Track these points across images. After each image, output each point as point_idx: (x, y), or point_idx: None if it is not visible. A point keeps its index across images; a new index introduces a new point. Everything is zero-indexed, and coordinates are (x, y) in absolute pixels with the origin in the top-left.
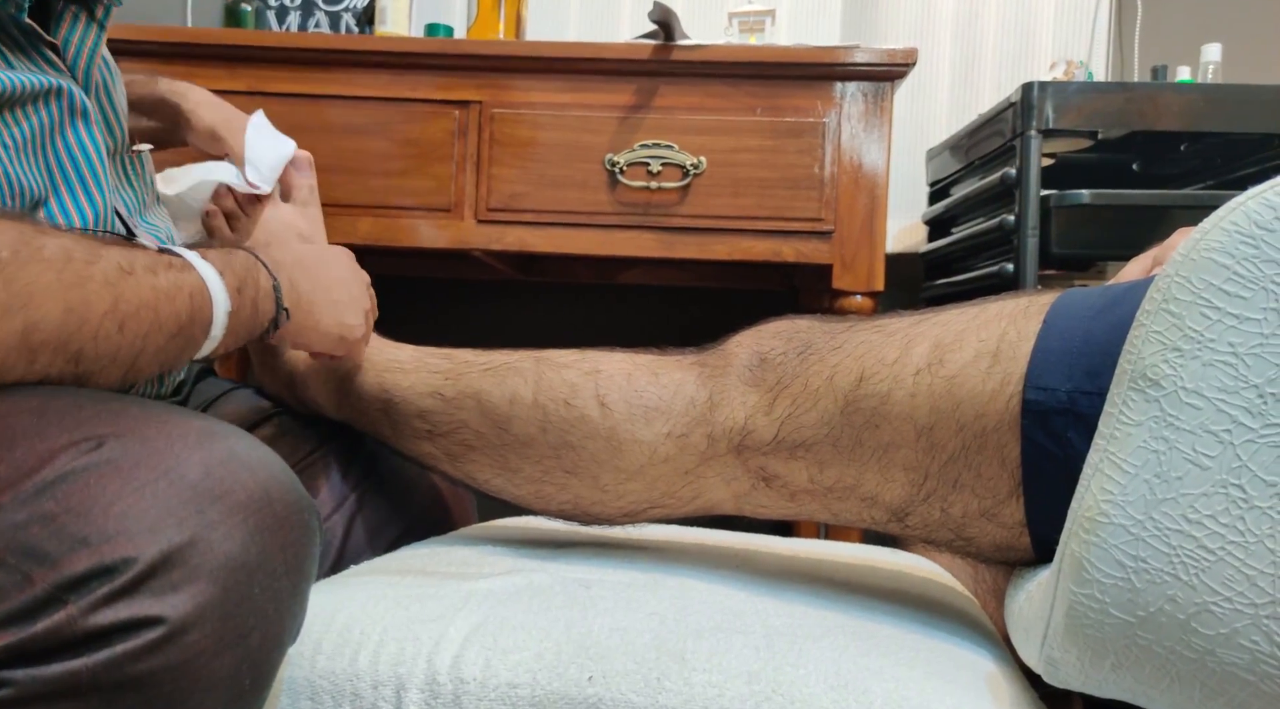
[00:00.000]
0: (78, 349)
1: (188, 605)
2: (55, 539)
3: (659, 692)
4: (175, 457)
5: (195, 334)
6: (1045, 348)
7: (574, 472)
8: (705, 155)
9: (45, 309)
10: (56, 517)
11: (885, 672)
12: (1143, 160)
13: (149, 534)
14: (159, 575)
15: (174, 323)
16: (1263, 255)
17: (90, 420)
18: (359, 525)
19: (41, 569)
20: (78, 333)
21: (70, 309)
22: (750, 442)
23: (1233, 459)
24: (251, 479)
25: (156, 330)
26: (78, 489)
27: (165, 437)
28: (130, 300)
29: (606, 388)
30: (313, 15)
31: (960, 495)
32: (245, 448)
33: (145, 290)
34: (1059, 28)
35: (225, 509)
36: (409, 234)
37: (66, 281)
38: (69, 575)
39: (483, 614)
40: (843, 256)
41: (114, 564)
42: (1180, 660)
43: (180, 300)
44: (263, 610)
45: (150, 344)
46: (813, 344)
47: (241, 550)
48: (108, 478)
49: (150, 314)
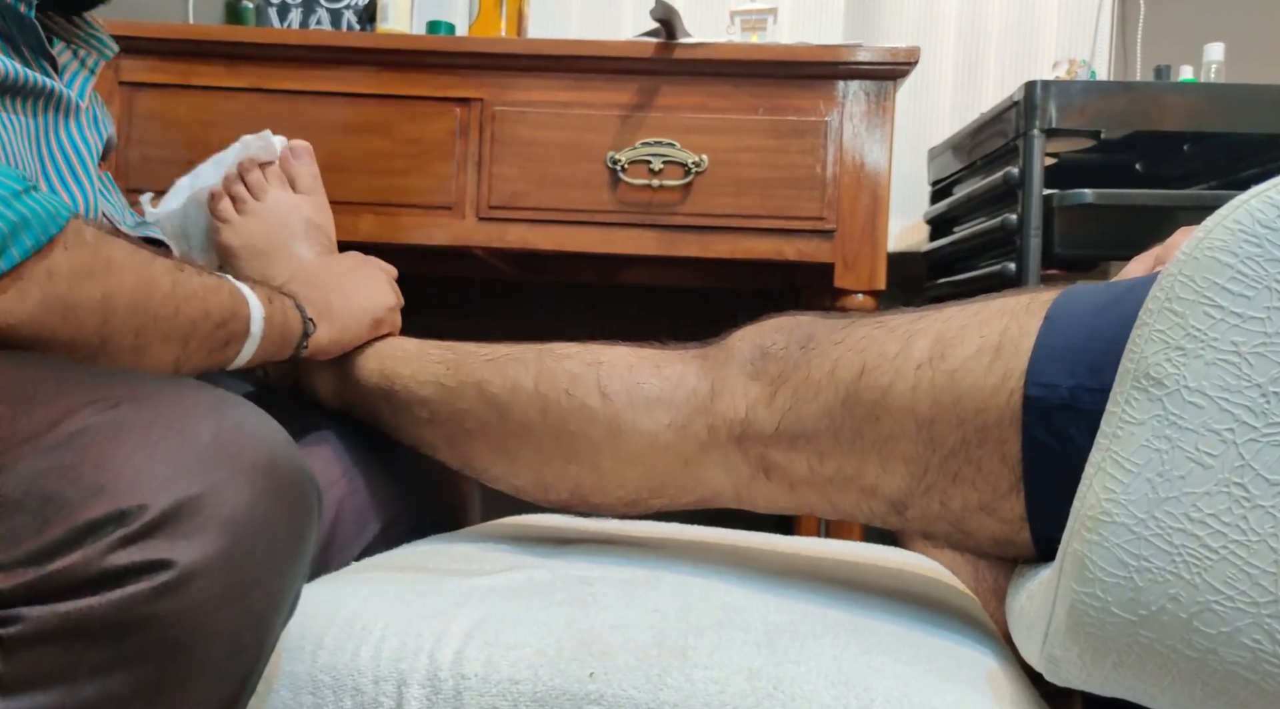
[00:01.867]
0: (140, 323)
1: (196, 553)
2: (73, 487)
3: (660, 688)
4: (188, 420)
5: (237, 328)
6: (1047, 344)
7: (573, 458)
8: (707, 154)
9: (122, 278)
10: (74, 467)
11: (886, 669)
12: (1146, 160)
13: (162, 485)
14: (170, 523)
15: (219, 313)
16: (1266, 254)
17: (108, 384)
18: (353, 508)
19: (59, 514)
20: (144, 306)
21: (139, 282)
22: (751, 432)
23: (1235, 458)
24: (259, 447)
25: (204, 318)
26: (95, 443)
27: (179, 402)
28: (184, 288)
29: (608, 378)
30: (314, 12)
31: (960, 489)
32: (254, 419)
33: (195, 283)
34: (1062, 27)
35: (233, 470)
36: (410, 232)
37: (137, 262)
38: (85, 520)
39: (484, 610)
40: (844, 256)
41: (128, 510)
42: (1182, 659)
43: (223, 295)
44: (265, 569)
45: (199, 330)
46: (814, 338)
47: (248, 509)
48: (124, 434)
49: (200, 303)
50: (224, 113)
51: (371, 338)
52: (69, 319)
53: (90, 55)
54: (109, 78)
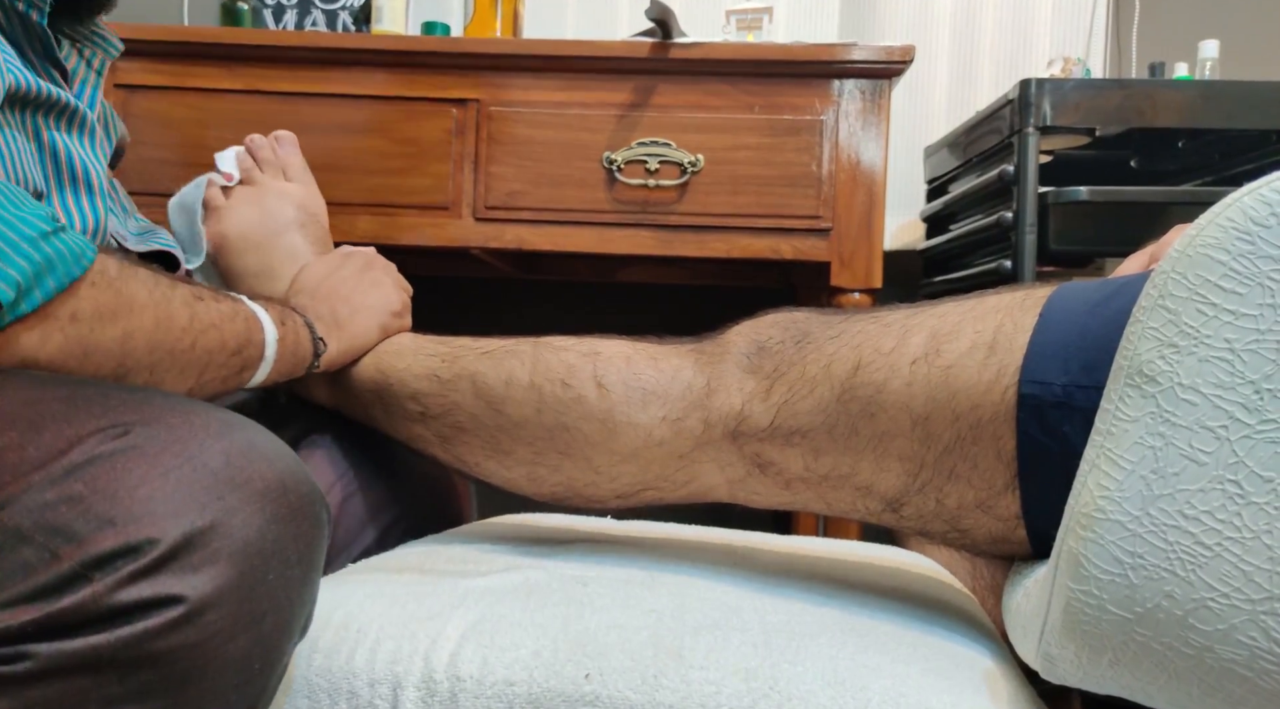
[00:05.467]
0: (156, 360)
1: (207, 586)
2: (82, 519)
3: (656, 689)
4: (198, 444)
5: (251, 354)
6: (1042, 341)
7: (567, 453)
8: (703, 153)
9: (142, 319)
10: (84, 498)
11: (883, 668)
12: (1141, 157)
13: (172, 517)
14: (181, 557)
15: (234, 341)
16: (1259, 251)
17: (117, 408)
18: (349, 512)
19: (69, 546)
20: (161, 344)
21: (159, 321)
22: (746, 428)
23: (1229, 455)
24: (269, 469)
25: (220, 348)
26: (104, 472)
27: (188, 426)
28: (202, 319)
29: (605, 370)
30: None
31: (955, 486)
32: (263, 440)
33: (212, 313)
34: (1057, 25)
35: (244, 496)
36: (407, 232)
37: (156, 299)
38: (95, 554)
39: (479, 612)
40: (841, 254)
41: (138, 544)
42: (1178, 656)
43: (239, 323)
44: (276, 596)
45: (215, 360)
46: (810, 333)
47: (259, 536)
48: (133, 462)
49: (216, 334)
50: (220, 114)
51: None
52: (88, 361)
53: (96, 55)
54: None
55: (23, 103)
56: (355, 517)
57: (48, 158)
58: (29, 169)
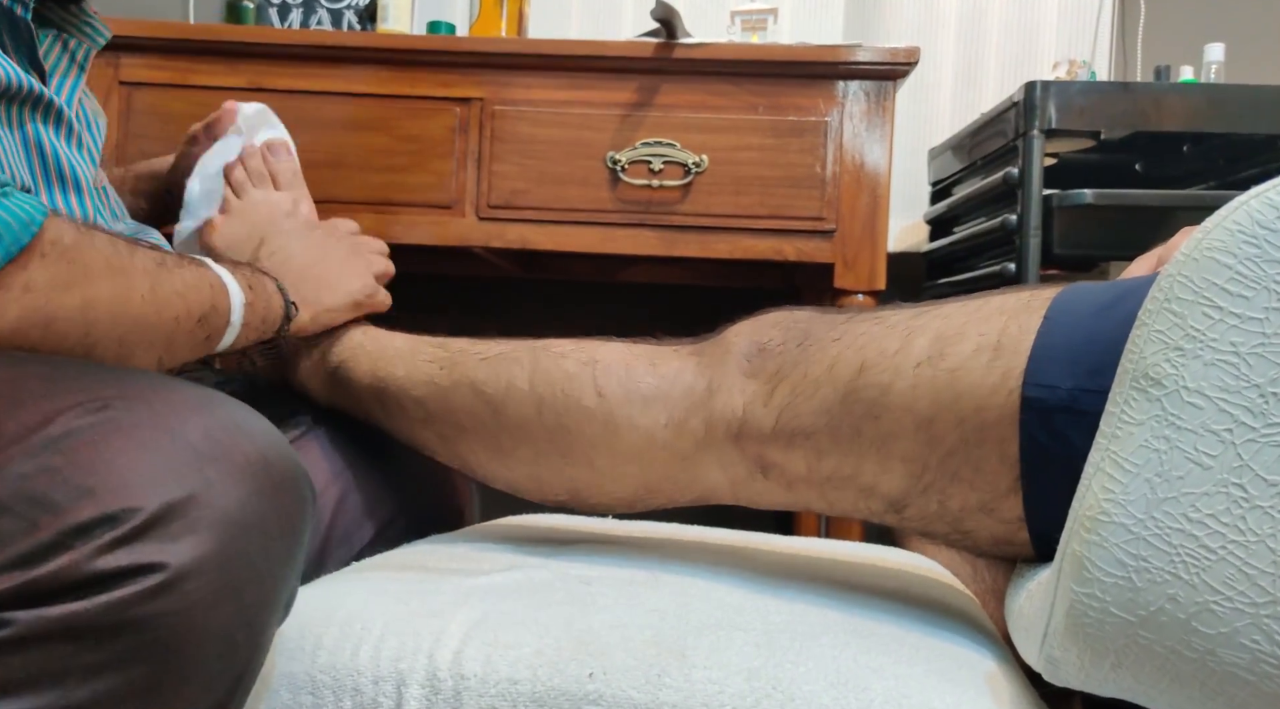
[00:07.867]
0: (123, 331)
1: (188, 554)
2: (61, 489)
3: (659, 688)
4: (178, 419)
5: (218, 322)
6: (1047, 344)
7: (570, 457)
8: (707, 153)
9: (99, 287)
10: (62, 469)
11: (885, 669)
12: (1145, 161)
13: (151, 487)
14: (161, 525)
15: (200, 309)
16: (1265, 255)
17: (95, 384)
18: (346, 508)
19: (47, 516)
20: (124, 313)
21: (116, 291)
22: (748, 429)
23: (1234, 459)
24: (250, 445)
25: (186, 316)
26: (83, 444)
27: (168, 401)
28: (164, 287)
29: (604, 377)
30: (315, 12)
31: (959, 488)
32: (246, 417)
33: (176, 280)
34: (1062, 27)
35: (225, 469)
36: (410, 230)
37: (114, 266)
38: (74, 522)
39: (483, 610)
40: (844, 255)
41: (117, 513)
42: (1181, 660)
43: (204, 290)
44: (257, 568)
45: (181, 328)
46: (812, 334)
47: (239, 508)
48: (112, 435)
49: (180, 301)
50: None
51: (353, 317)
52: (50, 331)
53: (81, 45)
54: (108, 76)
55: (9, 98)
56: (355, 512)
57: (34, 154)
58: (15, 164)
